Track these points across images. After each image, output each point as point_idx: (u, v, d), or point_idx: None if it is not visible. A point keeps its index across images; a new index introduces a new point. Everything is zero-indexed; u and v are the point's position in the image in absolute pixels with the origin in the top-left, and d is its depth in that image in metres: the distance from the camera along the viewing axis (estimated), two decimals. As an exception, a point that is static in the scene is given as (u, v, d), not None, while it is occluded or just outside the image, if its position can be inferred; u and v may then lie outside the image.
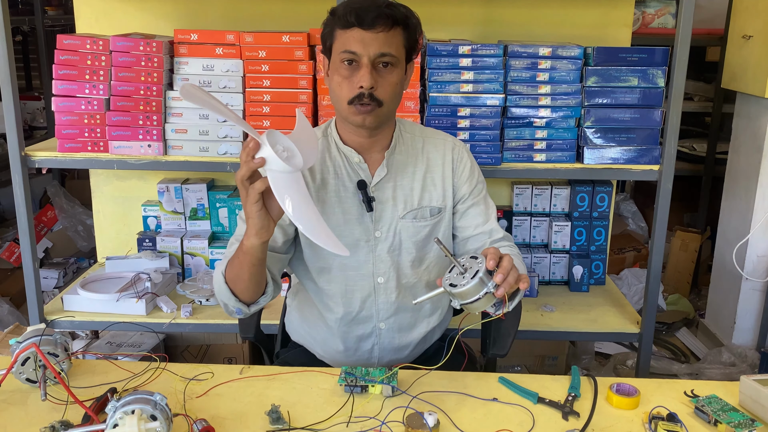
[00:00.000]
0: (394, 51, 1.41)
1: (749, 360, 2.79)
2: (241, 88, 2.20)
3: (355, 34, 1.39)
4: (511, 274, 1.21)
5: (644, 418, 1.25)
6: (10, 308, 3.11)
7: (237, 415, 1.24)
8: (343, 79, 1.42)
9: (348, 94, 1.42)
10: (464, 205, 1.59)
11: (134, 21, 2.50)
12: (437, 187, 1.57)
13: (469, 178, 1.59)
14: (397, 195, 1.54)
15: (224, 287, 1.42)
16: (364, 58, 1.39)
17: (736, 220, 2.97)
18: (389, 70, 1.42)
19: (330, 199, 1.52)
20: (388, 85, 1.43)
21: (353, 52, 1.39)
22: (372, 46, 1.39)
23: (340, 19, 1.40)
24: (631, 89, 2.15)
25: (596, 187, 2.51)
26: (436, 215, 1.57)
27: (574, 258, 2.53)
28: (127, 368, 1.38)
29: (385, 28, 1.39)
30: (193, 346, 2.71)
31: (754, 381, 1.26)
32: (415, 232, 1.55)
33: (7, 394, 1.29)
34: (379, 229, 1.54)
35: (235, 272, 1.40)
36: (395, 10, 1.41)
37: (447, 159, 1.58)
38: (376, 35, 1.38)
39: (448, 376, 1.37)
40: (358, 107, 1.42)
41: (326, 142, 1.56)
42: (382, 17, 1.38)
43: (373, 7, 1.39)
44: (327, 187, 1.53)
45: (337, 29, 1.42)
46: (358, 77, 1.40)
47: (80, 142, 2.20)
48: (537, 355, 2.77)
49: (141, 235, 2.54)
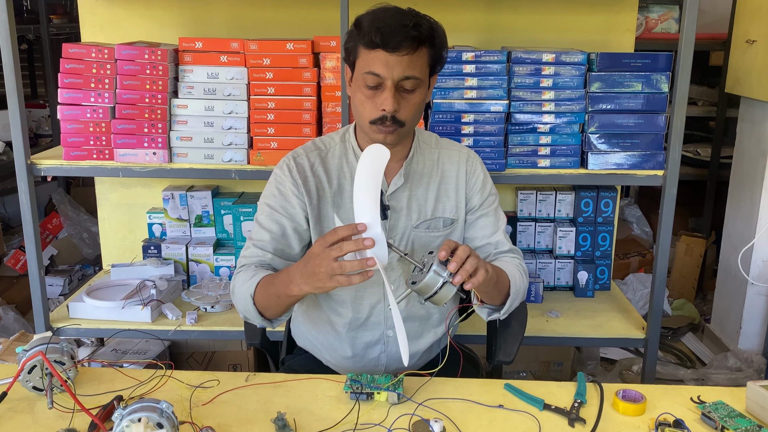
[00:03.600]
0: (418, 73, 1.39)
1: (755, 365, 2.78)
2: (245, 95, 2.20)
3: (379, 55, 1.36)
4: (468, 262, 1.24)
5: (651, 424, 1.24)
6: (15, 316, 3.11)
7: (243, 423, 1.24)
8: (366, 98, 1.41)
9: (370, 114, 1.41)
10: (474, 215, 1.60)
11: (139, 29, 2.51)
12: (450, 198, 1.57)
13: (480, 189, 1.59)
14: (411, 204, 1.54)
15: (252, 308, 1.43)
16: (388, 81, 1.37)
17: (741, 225, 2.97)
18: (412, 91, 1.40)
19: (345, 205, 1.52)
20: (411, 107, 1.42)
21: (377, 74, 1.37)
22: (396, 69, 1.36)
23: (365, 37, 1.36)
24: (634, 95, 2.16)
25: (601, 192, 2.50)
26: (448, 226, 1.57)
27: (579, 263, 2.52)
28: (133, 376, 1.38)
29: (410, 51, 1.36)
30: (198, 353, 2.71)
31: (761, 387, 1.26)
32: (427, 242, 1.55)
33: (14, 402, 1.29)
34: (392, 238, 1.53)
35: (270, 304, 1.41)
36: (421, 30, 1.36)
37: (461, 171, 1.58)
38: (401, 58, 1.36)
39: (453, 383, 1.37)
40: (380, 127, 1.41)
41: (344, 148, 1.56)
42: (408, 40, 1.35)
43: (399, 27, 1.34)
44: (343, 193, 1.53)
45: (361, 47, 1.38)
46: (381, 100, 1.38)
47: (86, 150, 2.20)
48: (542, 361, 2.76)
49: (146, 242, 2.55)
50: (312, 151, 1.55)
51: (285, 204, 1.51)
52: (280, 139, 2.21)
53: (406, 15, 1.38)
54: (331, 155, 1.55)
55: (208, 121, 2.20)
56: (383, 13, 1.39)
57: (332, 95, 2.21)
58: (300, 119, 2.21)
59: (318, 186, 1.52)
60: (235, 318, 2.30)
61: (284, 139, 2.21)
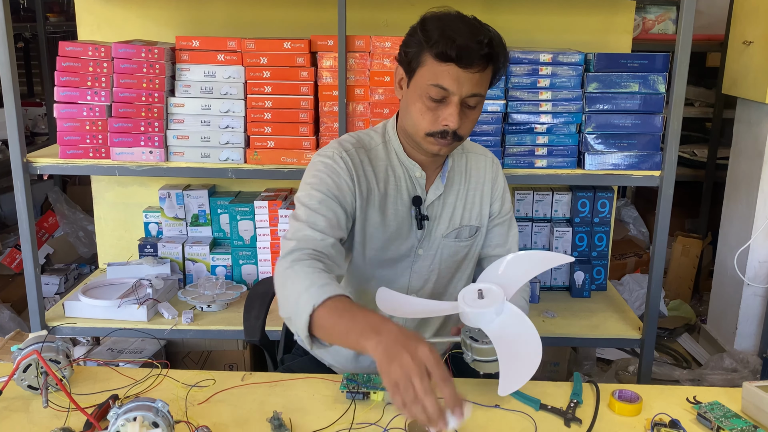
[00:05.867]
0: (483, 90, 1.36)
1: (751, 366, 2.78)
2: (242, 94, 2.20)
3: (450, 70, 1.31)
4: None
5: (646, 424, 1.24)
6: (11, 314, 3.10)
7: (239, 422, 1.24)
8: (427, 110, 1.36)
9: (430, 127, 1.37)
10: (491, 223, 1.58)
11: (136, 28, 2.51)
12: (476, 205, 1.55)
13: (500, 197, 1.58)
14: (444, 213, 1.52)
15: (304, 318, 1.18)
16: (455, 97, 1.33)
17: (737, 226, 2.97)
18: (474, 107, 1.38)
19: (388, 211, 1.48)
20: (471, 123, 1.39)
21: (446, 89, 1.33)
22: (465, 86, 1.32)
23: (436, 46, 1.31)
24: (631, 95, 2.16)
25: (597, 192, 2.51)
26: (474, 235, 1.56)
27: (576, 264, 2.52)
28: (129, 375, 1.38)
29: (480, 69, 1.33)
30: (194, 353, 2.71)
31: (756, 387, 1.26)
32: (455, 252, 1.54)
33: (8, 401, 1.29)
34: (422, 247, 1.51)
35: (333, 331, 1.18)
36: (493, 48, 1.33)
37: (487, 177, 1.56)
38: (472, 75, 1.32)
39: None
40: (438, 140, 1.38)
41: (386, 150, 1.50)
42: (481, 58, 1.31)
43: (474, 45, 1.30)
44: (387, 198, 1.48)
45: (430, 56, 1.33)
46: (446, 115, 1.35)
47: (82, 149, 2.20)
48: (538, 361, 2.76)
49: (142, 241, 2.54)
50: (359, 148, 1.48)
51: (339, 194, 1.41)
52: (277, 138, 2.21)
53: (478, 29, 1.34)
54: (376, 155, 1.49)
55: (205, 119, 2.20)
56: (454, 23, 1.33)
57: (329, 94, 2.20)
58: (297, 118, 2.21)
59: (368, 187, 1.46)
60: (231, 317, 2.29)
61: (281, 138, 2.21)
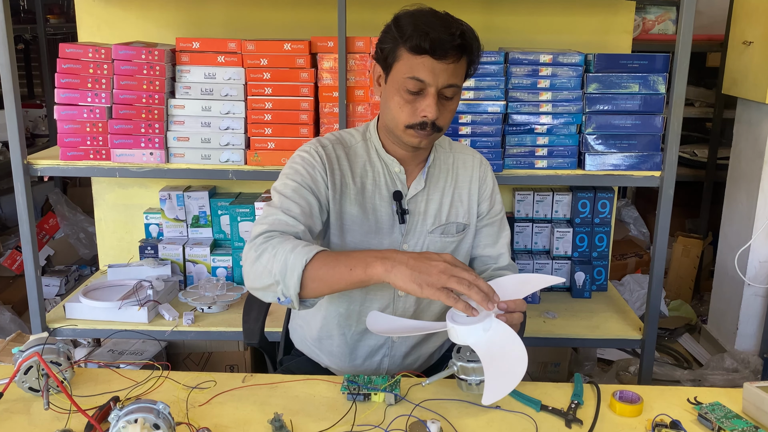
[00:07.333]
0: (459, 81, 1.39)
1: (752, 366, 2.78)
2: (242, 96, 2.20)
3: (425, 61, 1.34)
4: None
5: (647, 425, 1.24)
6: (12, 316, 3.10)
7: (240, 424, 1.24)
8: (405, 103, 1.39)
9: (409, 119, 1.39)
10: (480, 223, 1.60)
11: (136, 29, 2.51)
12: (464, 203, 1.57)
13: (489, 197, 1.60)
14: (428, 209, 1.54)
15: (296, 278, 1.24)
16: (432, 88, 1.36)
17: (737, 226, 2.97)
18: (452, 98, 1.40)
19: (366, 205, 1.50)
20: (449, 113, 1.42)
21: (421, 80, 1.35)
22: (441, 76, 1.35)
23: (410, 40, 1.33)
24: (632, 96, 2.16)
25: (598, 193, 2.51)
26: (461, 232, 1.57)
27: (576, 264, 2.53)
28: (130, 376, 1.38)
29: (455, 60, 1.35)
30: (195, 354, 2.71)
31: (757, 388, 1.26)
32: (442, 248, 1.55)
33: (9, 403, 1.29)
34: (407, 242, 1.52)
35: (328, 278, 1.25)
36: (466, 39, 1.35)
37: (474, 176, 1.58)
38: (446, 66, 1.34)
39: (450, 384, 1.37)
40: (418, 132, 1.40)
41: (366, 147, 1.53)
42: (455, 49, 1.33)
43: (447, 36, 1.32)
44: (365, 193, 1.51)
45: (404, 50, 1.35)
46: (423, 106, 1.37)
47: (82, 150, 2.20)
48: (539, 362, 2.76)
49: (143, 242, 2.54)
50: (337, 144, 1.51)
51: (313, 185, 1.44)
52: (277, 140, 2.21)
53: (450, 22, 1.37)
54: (354, 152, 1.52)
55: (205, 121, 2.20)
56: (426, 17, 1.36)
57: (329, 96, 2.21)
58: (297, 120, 2.21)
59: (342, 180, 1.48)
60: (231, 318, 2.29)
61: (281, 139, 2.21)
